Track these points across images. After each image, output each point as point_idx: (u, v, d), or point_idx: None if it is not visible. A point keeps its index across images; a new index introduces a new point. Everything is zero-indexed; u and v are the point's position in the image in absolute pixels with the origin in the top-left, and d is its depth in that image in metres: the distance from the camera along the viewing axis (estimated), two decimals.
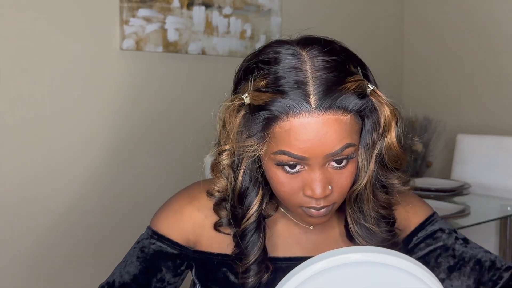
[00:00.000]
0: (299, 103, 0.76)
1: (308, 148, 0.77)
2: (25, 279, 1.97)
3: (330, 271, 0.66)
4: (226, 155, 0.86)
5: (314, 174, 0.80)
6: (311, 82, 0.77)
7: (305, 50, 0.80)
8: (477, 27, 2.90)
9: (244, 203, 0.88)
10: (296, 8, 2.67)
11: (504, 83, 2.81)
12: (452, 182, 2.45)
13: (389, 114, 0.82)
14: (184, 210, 0.94)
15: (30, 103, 1.95)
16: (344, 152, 0.79)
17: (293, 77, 0.78)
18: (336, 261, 0.66)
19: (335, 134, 0.78)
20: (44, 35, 1.96)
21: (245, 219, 0.88)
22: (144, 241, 0.95)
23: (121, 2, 2.10)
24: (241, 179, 0.86)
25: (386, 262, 0.66)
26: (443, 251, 0.95)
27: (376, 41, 3.06)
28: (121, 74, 2.15)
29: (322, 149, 0.78)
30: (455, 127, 2.92)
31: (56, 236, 2.03)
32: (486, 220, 2.16)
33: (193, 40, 2.29)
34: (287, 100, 0.77)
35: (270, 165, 0.82)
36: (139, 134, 2.20)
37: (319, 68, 0.78)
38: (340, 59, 0.81)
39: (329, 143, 0.78)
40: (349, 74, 0.80)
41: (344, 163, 0.81)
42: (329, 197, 0.82)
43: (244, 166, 0.86)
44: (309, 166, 0.80)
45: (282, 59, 0.80)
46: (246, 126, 0.81)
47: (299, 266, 0.67)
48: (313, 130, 0.77)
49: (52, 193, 2.01)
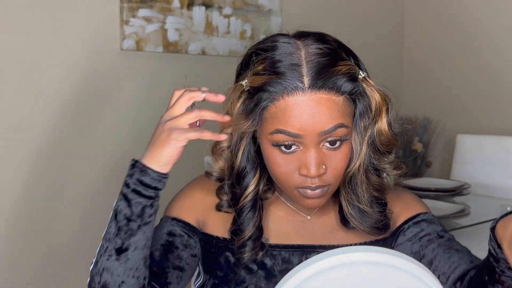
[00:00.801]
0: (294, 82, 0.83)
1: (302, 125, 0.83)
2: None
3: (330, 271, 0.66)
4: (227, 138, 0.92)
5: (308, 153, 0.85)
6: (305, 65, 0.83)
7: (300, 40, 0.87)
8: (477, 27, 2.90)
9: (242, 183, 0.94)
10: (296, 8, 2.67)
11: (504, 84, 2.81)
12: (452, 182, 2.45)
13: (380, 101, 0.88)
14: (194, 192, 1.02)
15: (30, 103, 1.95)
16: (337, 132, 0.84)
17: (289, 60, 0.84)
18: (336, 261, 0.66)
19: (328, 112, 0.83)
20: (44, 35, 1.96)
21: (243, 198, 0.94)
22: (159, 225, 0.99)
23: (121, 2, 2.10)
24: (239, 159, 0.93)
25: (386, 262, 0.66)
26: (424, 236, 0.98)
27: (376, 41, 3.06)
28: (121, 74, 2.15)
29: (315, 127, 0.83)
30: (455, 127, 2.92)
31: (56, 236, 2.03)
32: (486, 220, 2.16)
33: (193, 40, 2.29)
34: (283, 81, 0.83)
35: (267, 146, 0.87)
36: (139, 134, 2.20)
37: (312, 54, 0.85)
38: (333, 47, 0.87)
39: (322, 121, 0.83)
40: (340, 59, 0.86)
41: (337, 144, 0.86)
42: (324, 177, 0.86)
43: (243, 146, 0.92)
44: (304, 146, 0.85)
45: (279, 46, 0.86)
46: (246, 109, 0.87)
47: (299, 266, 0.67)
48: (307, 108, 0.82)
49: (51, 193, 2.01)
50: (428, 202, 2.14)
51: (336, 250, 0.67)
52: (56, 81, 2.00)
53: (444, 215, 2.01)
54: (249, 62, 0.90)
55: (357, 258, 0.66)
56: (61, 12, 1.99)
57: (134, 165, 0.88)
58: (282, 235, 0.96)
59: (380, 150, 0.90)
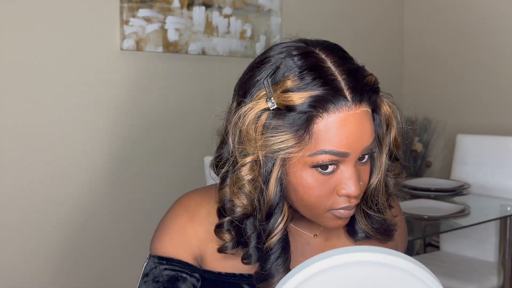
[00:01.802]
0: (337, 98, 0.75)
1: (349, 143, 0.76)
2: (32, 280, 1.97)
3: (330, 271, 0.66)
4: (248, 168, 0.79)
5: (350, 171, 0.78)
6: (340, 77, 0.77)
7: (316, 48, 0.80)
8: (477, 27, 2.90)
9: (270, 218, 0.81)
10: (296, 8, 2.67)
11: (504, 83, 2.81)
12: (452, 182, 2.45)
13: (389, 109, 0.83)
14: (187, 228, 0.88)
15: (30, 103, 1.95)
16: (373, 145, 0.80)
17: (322, 73, 0.76)
18: (336, 261, 0.66)
19: (370, 126, 0.78)
20: (44, 35, 1.96)
21: (271, 237, 0.81)
22: (153, 271, 0.87)
23: (121, 2, 2.10)
24: (272, 191, 0.79)
25: (386, 262, 0.66)
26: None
27: (376, 41, 3.06)
28: (121, 74, 2.15)
29: (361, 143, 0.77)
30: (455, 127, 2.92)
31: (56, 236, 2.03)
32: (486, 220, 2.16)
33: (193, 40, 2.29)
34: (324, 97, 0.75)
35: (302, 170, 0.77)
36: (139, 134, 2.20)
37: (339, 63, 0.78)
38: (347, 55, 0.82)
39: (366, 136, 0.78)
40: (361, 68, 0.80)
41: (366, 159, 0.81)
42: (360, 194, 0.81)
43: (275, 174, 0.78)
44: (344, 164, 0.78)
45: (299, 58, 0.78)
46: (275, 130, 0.76)
47: (299, 266, 0.67)
48: (353, 124, 0.76)
49: (52, 193, 2.01)
50: (428, 202, 2.16)
51: (336, 250, 0.67)
52: (56, 81, 2.00)
53: (444, 215, 2.01)
54: (259, 77, 0.79)
55: (357, 258, 0.66)
56: (61, 12, 1.99)
57: None
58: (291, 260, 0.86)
59: (396, 159, 0.87)
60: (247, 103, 0.79)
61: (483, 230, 2.40)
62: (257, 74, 0.80)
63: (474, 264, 2.40)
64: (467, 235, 2.48)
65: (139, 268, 0.91)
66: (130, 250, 2.18)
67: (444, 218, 2.02)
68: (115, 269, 2.16)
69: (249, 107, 0.78)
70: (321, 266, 0.66)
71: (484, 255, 2.44)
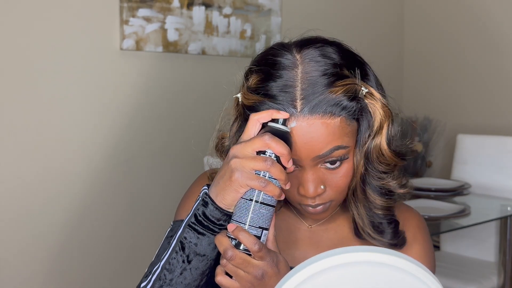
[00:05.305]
0: (286, 107, 0.78)
1: (296, 151, 0.79)
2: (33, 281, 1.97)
3: (330, 271, 0.66)
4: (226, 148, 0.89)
5: (306, 175, 0.81)
6: (300, 86, 0.79)
7: (300, 53, 0.82)
8: (477, 27, 2.90)
9: None
10: (296, 8, 2.67)
11: (505, 83, 2.81)
12: (452, 182, 2.45)
13: (383, 117, 0.83)
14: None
15: (30, 103, 1.95)
16: (334, 154, 0.80)
17: (283, 81, 0.80)
18: (336, 261, 0.66)
19: (322, 137, 0.79)
20: (44, 35, 1.96)
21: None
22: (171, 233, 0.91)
23: (121, 2, 2.10)
24: None
25: (386, 262, 0.66)
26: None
27: (376, 40, 3.06)
28: (121, 74, 2.15)
29: (309, 152, 0.79)
30: (455, 127, 2.92)
31: (56, 237, 2.03)
32: (486, 220, 2.16)
33: (193, 40, 2.29)
34: (274, 105, 0.79)
35: None
36: (139, 133, 2.20)
37: (309, 71, 0.80)
38: (334, 63, 0.82)
39: (316, 146, 0.79)
40: (340, 78, 0.80)
41: (337, 164, 0.82)
42: (323, 196, 0.83)
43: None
44: (301, 167, 0.82)
45: (277, 62, 0.82)
46: (241, 125, 0.85)
47: (299, 265, 0.67)
48: (299, 133, 0.78)
49: (52, 193, 2.01)
50: (429, 202, 2.16)
51: (336, 250, 0.67)
52: (56, 80, 2.00)
53: (444, 215, 2.01)
54: (248, 74, 0.86)
55: (357, 258, 0.66)
56: (61, 12, 1.99)
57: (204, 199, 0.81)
58: (291, 244, 0.93)
59: (376, 168, 0.84)
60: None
61: (483, 230, 2.40)
62: (247, 71, 0.87)
63: (474, 264, 2.40)
64: (467, 235, 2.48)
65: (138, 267, 0.91)
66: (130, 250, 2.18)
67: (444, 218, 2.02)
68: (114, 269, 2.16)
69: (235, 97, 0.86)
70: (321, 266, 0.66)
71: (484, 255, 2.44)
